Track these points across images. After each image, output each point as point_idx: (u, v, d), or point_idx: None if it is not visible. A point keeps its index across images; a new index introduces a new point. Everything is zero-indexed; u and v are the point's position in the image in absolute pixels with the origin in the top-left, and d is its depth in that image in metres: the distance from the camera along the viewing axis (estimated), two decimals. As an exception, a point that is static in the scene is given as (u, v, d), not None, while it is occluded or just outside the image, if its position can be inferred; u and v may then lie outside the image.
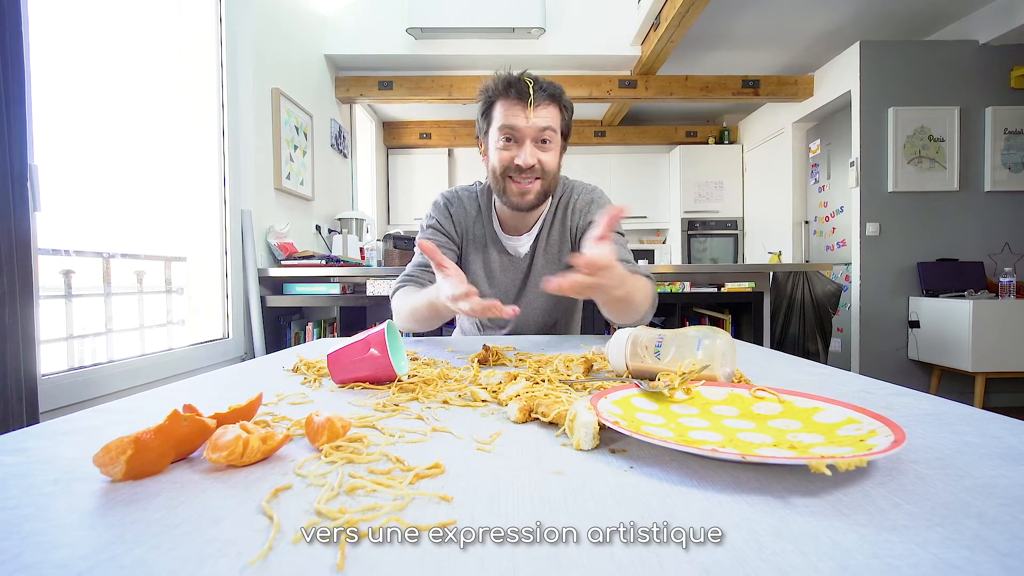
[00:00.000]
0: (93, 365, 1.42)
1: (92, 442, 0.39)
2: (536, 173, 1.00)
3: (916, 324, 3.12)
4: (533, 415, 0.46)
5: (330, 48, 3.11)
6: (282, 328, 2.33)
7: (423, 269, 1.10)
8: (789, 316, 2.76)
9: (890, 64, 3.16)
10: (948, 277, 3.10)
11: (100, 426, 0.45)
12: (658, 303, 1.02)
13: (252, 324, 2.15)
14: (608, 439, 0.40)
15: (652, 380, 0.53)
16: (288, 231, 2.43)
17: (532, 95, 0.96)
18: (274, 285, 2.34)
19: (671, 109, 4.72)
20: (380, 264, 3.12)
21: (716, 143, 4.92)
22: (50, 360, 1.31)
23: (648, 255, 5.02)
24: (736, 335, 2.50)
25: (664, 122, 5.01)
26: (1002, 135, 3.13)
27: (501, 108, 0.99)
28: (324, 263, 2.27)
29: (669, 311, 2.49)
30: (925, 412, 0.47)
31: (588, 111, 4.53)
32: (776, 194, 4.26)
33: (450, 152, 4.91)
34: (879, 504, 0.29)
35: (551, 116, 0.99)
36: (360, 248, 2.92)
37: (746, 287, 2.43)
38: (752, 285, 2.44)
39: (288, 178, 2.53)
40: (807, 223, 3.97)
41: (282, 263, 2.29)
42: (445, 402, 0.52)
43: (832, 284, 2.76)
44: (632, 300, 0.87)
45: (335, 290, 2.24)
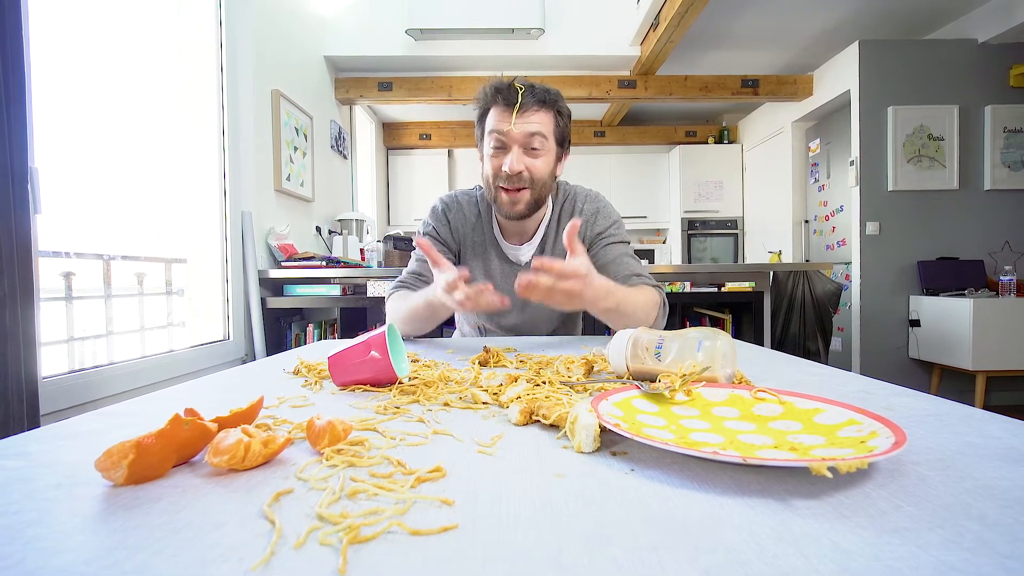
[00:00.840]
0: (94, 367, 1.42)
1: (94, 446, 0.39)
2: (524, 182, 0.97)
3: (916, 323, 3.12)
4: (534, 417, 0.46)
5: (330, 49, 3.11)
6: (282, 329, 2.33)
7: (417, 277, 1.10)
8: (789, 315, 2.76)
9: (889, 63, 3.16)
10: (948, 276, 3.10)
11: (101, 430, 0.45)
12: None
13: (252, 326, 2.15)
14: (609, 441, 0.40)
15: (653, 382, 0.53)
16: (288, 232, 2.43)
17: (520, 100, 0.95)
18: (274, 286, 2.34)
19: (670, 109, 4.72)
20: (380, 265, 3.12)
21: (716, 143, 4.91)
22: (51, 362, 1.31)
23: (648, 255, 5.02)
24: (736, 335, 2.50)
25: (663, 122, 5.01)
26: (1001, 134, 3.13)
27: (492, 114, 0.99)
28: (324, 264, 2.27)
29: (669, 311, 2.48)
30: (926, 413, 0.47)
31: (587, 111, 4.53)
32: (776, 193, 4.26)
33: (450, 153, 4.91)
34: (880, 506, 0.29)
35: (541, 121, 0.97)
36: (360, 249, 2.92)
37: (746, 287, 2.43)
38: (752, 285, 2.44)
39: (288, 179, 2.53)
40: (807, 222, 3.97)
41: (282, 264, 2.29)
42: (446, 404, 0.52)
43: (832, 283, 2.76)
44: (624, 312, 0.87)
45: (335, 291, 2.24)
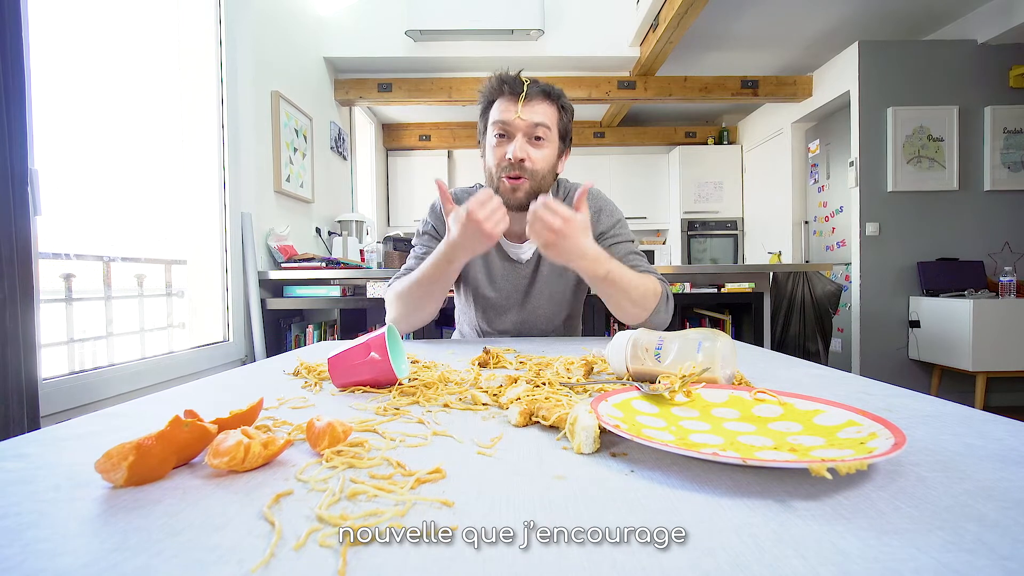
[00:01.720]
0: (94, 369, 1.42)
1: (93, 448, 0.39)
2: (524, 172, 0.98)
3: (916, 324, 3.12)
4: (534, 418, 0.46)
5: (329, 51, 3.11)
6: (282, 331, 2.33)
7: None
8: (789, 316, 2.76)
9: (889, 64, 3.16)
10: (948, 276, 3.10)
11: (101, 431, 0.45)
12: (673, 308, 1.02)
13: (252, 327, 2.15)
14: (609, 442, 0.40)
15: (653, 383, 0.53)
16: (288, 233, 2.43)
17: (526, 90, 0.96)
18: (274, 288, 2.34)
19: (670, 110, 4.72)
20: (380, 266, 3.12)
21: (715, 143, 4.92)
22: (51, 364, 1.31)
23: (648, 255, 4.99)
24: (736, 335, 2.50)
25: (663, 123, 5.01)
26: (1001, 134, 3.13)
27: (497, 105, 0.99)
28: (324, 265, 2.27)
29: (669, 312, 2.48)
30: (925, 414, 0.47)
31: (587, 112, 4.53)
32: (776, 194, 4.26)
33: (450, 154, 4.91)
34: (880, 507, 0.29)
35: (545, 113, 0.98)
36: (360, 250, 2.92)
37: (746, 287, 2.43)
38: (752, 285, 2.44)
39: (288, 180, 2.53)
40: (807, 223, 3.97)
41: (282, 265, 2.29)
42: (446, 405, 0.52)
43: (832, 284, 2.76)
44: (618, 284, 0.90)
45: (335, 292, 2.24)
